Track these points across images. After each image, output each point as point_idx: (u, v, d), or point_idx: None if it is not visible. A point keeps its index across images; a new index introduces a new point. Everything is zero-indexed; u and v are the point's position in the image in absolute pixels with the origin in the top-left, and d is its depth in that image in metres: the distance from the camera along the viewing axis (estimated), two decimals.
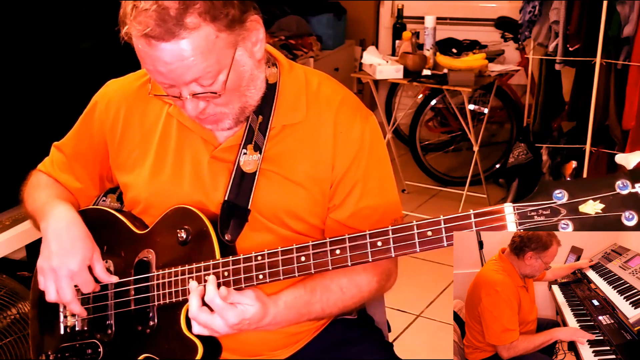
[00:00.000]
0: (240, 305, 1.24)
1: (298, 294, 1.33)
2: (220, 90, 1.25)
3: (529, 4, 3.51)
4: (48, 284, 1.40)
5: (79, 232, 1.42)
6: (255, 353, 1.45)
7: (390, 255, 1.19)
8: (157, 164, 1.43)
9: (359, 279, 1.38)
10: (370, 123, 1.42)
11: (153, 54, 1.20)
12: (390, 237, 1.18)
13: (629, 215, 1.01)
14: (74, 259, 1.39)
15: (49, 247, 1.41)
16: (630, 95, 3.19)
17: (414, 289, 3.29)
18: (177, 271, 1.35)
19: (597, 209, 1.03)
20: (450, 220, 1.13)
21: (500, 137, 4.81)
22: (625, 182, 1.02)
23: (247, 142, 1.37)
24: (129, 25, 1.20)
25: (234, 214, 1.35)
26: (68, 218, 1.44)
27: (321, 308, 1.36)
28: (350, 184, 1.39)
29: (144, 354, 1.39)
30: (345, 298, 1.37)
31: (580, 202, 1.04)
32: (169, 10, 1.17)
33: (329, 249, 1.23)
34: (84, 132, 1.54)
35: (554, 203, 1.06)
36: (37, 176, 1.58)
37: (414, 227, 1.16)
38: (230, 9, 1.21)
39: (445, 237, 1.14)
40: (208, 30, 1.19)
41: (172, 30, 1.17)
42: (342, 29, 5.29)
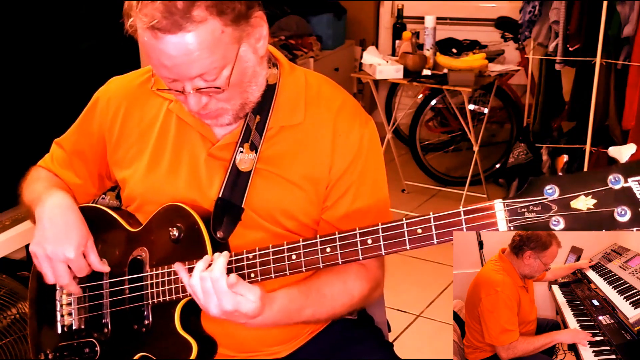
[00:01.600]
0: (240, 297, 1.23)
1: (292, 297, 1.32)
2: (223, 86, 1.25)
3: (529, 4, 3.51)
4: (45, 269, 1.41)
5: (74, 218, 1.43)
6: (251, 349, 1.45)
7: (381, 252, 1.19)
8: (153, 160, 1.43)
9: (352, 286, 1.38)
10: (369, 128, 1.43)
11: (158, 46, 1.19)
12: (380, 235, 1.18)
13: (621, 211, 0.99)
14: (69, 246, 1.39)
15: (44, 231, 1.41)
16: (630, 95, 3.19)
17: (414, 289, 3.29)
18: (170, 270, 1.35)
19: (589, 205, 1.01)
20: (440, 218, 1.13)
21: (500, 137, 4.81)
22: (618, 176, 0.99)
23: (244, 140, 1.37)
24: (134, 17, 1.20)
25: (227, 212, 1.35)
26: (63, 204, 1.44)
27: (311, 313, 1.35)
28: (345, 185, 1.39)
29: (140, 353, 1.39)
30: (336, 305, 1.37)
31: (571, 197, 1.02)
32: (176, 3, 1.16)
33: (319, 247, 1.23)
34: (84, 129, 1.54)
35: (545, 199, 1.04)
36: (37, 171, 1.58)
37: (404, 225, 1.16)
38: (236, 3, 1.21)
39: (435, 235, 1.13)
40: (214, 24, 1.19)
41: (179, 22, 1.17)
42: (342, 29, 5.29)
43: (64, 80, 2.57)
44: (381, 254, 1.19)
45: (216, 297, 1.22)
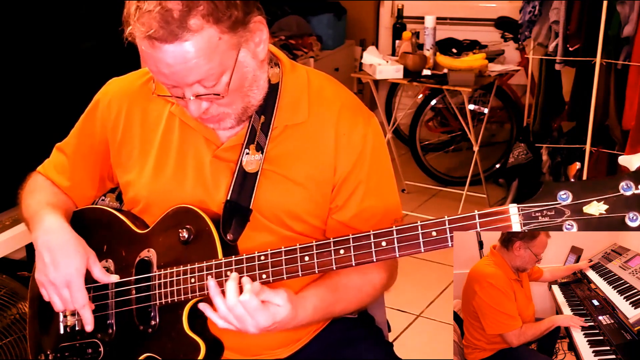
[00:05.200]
0: (272, 307, 1.23)
1: (323, 295, 1.34)
2: (223, 92, 1.25)
3: (529, 4, 3.51)
4: (52, 296, 1.40)
5: (68, 241, 1.41)
6: (255, 352, 1.45)
7: (395, 255, 1.19)
8: (159, 163, 1.43)
9: (372, 277, 1.39)
10: (372, 125, 1.43)
11: (156, 55, 1.20)
12: (395, 237, 1.19)
13: (632, 216, 1.02)
14: (68, 269, 1.38)
15: (43, 259, 1.40)
16: (630, 95, 3.19)
17: (414, 289, 3.29)
18: (178, 271, 1.35)
19: (601, 210, 1.04)
20: (455, 221, 1.14)
21: (500, 137, 4.81)
22: (629, 183, 1.03)
23: (250, 142, 1.37)
24: (132, 26, 1.20)
25: (235, 214, 1.35)
26: (55, 228, 1.42)
27: (342, 308, 1.38)
28: (353, 185, 1.39)
29: (145, 354, 1.38)
30: (362, 296, 1.39)
31: (584, 203, 1.05)
32: (172, 12, 1.17)
33: (332, 249, 1.23)
34: (85, 131, 1.54)
35: (559, 204, 1.07)
36: (34, 179, 1.57)
37: (419, 227, 1.17)
38: (233, 10, 1.21)
39: (450, 238, 1.14)
40: (211, 32, 1.19)
41: (176, 32, 1.17)
42: (342, 29, 5.29)
43: (65, 80, 2.57)
44: (395, 256, 1.20)
45: (250, 317, 1.22)
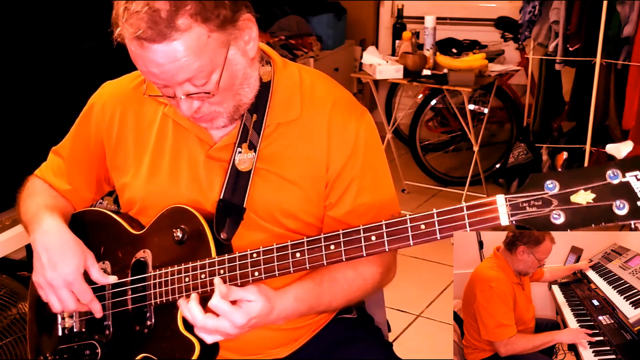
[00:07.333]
0: (244, 304, 1.24)
1: (308, 286, 1.34)
2: (213, 90, 1.26)
3: (529, 4, 3.51)
4: (49, 297, 1.40)
5: (66, 242, 1.41)
6: (254, 352, 1.45)
7: (384, 249, 1.19)
8: (153, 165, 1.44)
9: (363, 271, 1.39)
10: (365, 120, 1.42)
11: (145, 55, 1.20)
12: (384, 231, 1.19)
13: (620, 204, 1.02)
14: (66, 269, 1.38)
15: (40, 260, 1.40)
16: (630, 95, 3.20)
17: (414, 289, 3.29)
18: (173, 271, 1.35)
19: (588, 199, 1.03)
20: (443, 214, 1.13)
21: (500, 137, 4.81)
22: (616, 171, 1.02)
23: (242, 140, 1.37)
24: (121, 27, 1.20)
25: (229, 213, 1.35)
26: (53, 230, 1.42)
27: (329, 300, 1.37)
28: (347, 181, 1.39)
29: (142, 354, 1.39)
30: (351, 290, 1.38)
31: (571, 192, 1.04)
32: (160, 12, 1.17)
33: (323, 245, 1.23)
34: (80, 135, 1.54)
35: (546, 194, 1.06)
36: (32, 182, 1.58)
37: (407, 221, 1.17)
38: (221, 9, 1.21)
39: (438, 230, 1.14)
40: (200, 31, 1.19)
41: (164, 32, 1.17)
42: (342, 29, 5.29)
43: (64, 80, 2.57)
44: (385, 250, 1.19)
45: (225, 320, 1.23)
